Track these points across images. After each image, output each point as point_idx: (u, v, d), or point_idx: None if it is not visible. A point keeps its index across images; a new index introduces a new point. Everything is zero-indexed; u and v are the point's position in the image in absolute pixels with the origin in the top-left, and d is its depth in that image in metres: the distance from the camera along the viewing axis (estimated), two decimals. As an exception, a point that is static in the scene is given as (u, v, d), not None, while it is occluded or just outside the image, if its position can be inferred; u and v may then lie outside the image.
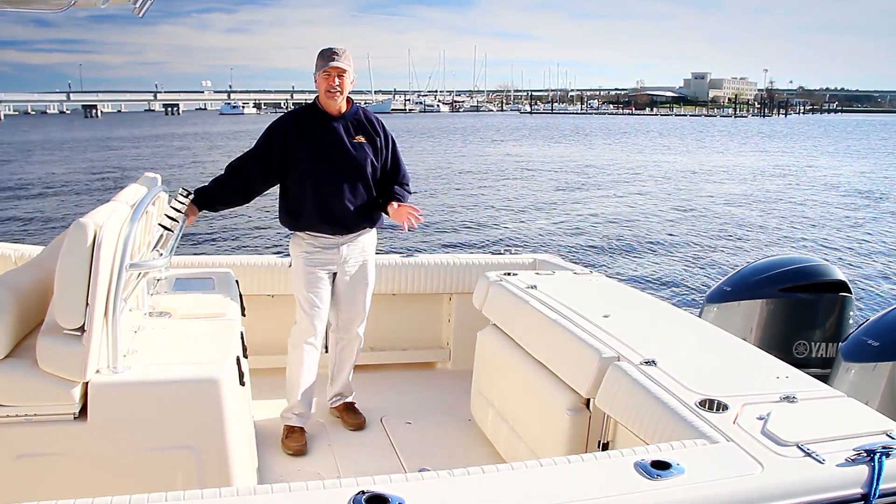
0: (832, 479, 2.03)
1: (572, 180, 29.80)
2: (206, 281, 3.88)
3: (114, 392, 2.55)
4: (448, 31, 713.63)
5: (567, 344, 3.03)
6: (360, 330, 4.13)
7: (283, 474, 3.53)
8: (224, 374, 2.67)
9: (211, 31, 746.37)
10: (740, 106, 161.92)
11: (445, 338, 5.03)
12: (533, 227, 18.50)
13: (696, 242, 16.47)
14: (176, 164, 36.15)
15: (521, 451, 3.31)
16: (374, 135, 3.91)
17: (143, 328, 3.09)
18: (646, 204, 22.67)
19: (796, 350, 4.20)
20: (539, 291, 3.64)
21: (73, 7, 2.97)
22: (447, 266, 4.82)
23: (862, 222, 19.69)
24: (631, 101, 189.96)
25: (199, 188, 3.81)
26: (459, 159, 39.83)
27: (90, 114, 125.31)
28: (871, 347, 3.43)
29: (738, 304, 4.32)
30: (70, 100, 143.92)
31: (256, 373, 3.73)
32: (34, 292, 2.77)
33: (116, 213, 2.67)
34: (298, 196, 3.83)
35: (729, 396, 2.44)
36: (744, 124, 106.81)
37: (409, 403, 4.40)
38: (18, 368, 2.49)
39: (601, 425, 2.92)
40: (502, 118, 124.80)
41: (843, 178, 32.03)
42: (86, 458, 2.52)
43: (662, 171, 33.64)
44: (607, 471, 2.05)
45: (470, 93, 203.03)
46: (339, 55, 3.75)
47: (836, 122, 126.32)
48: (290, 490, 1.84)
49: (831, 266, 4.46)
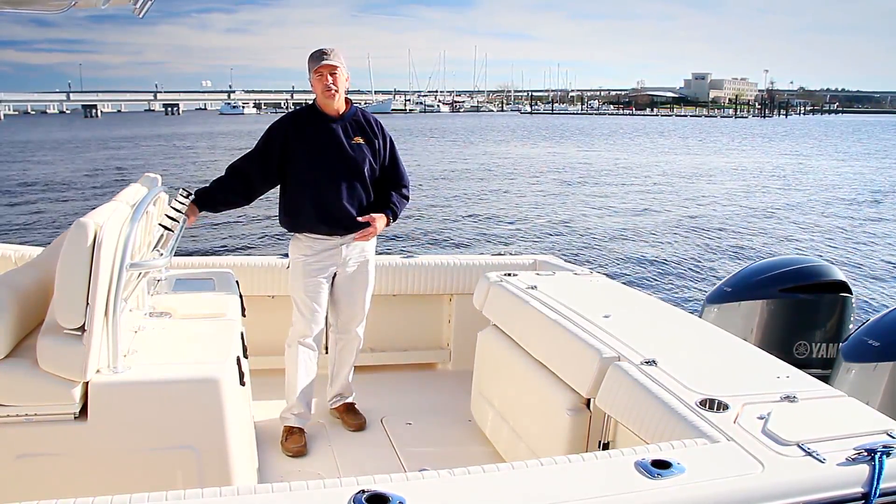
0: (833, 479, 2.03)
1: (573, 181, 29.81)
2: (206, 281, 3.88)
3: (114, 392, 2.55)
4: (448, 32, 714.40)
5: (567, 344, 3.03)
6: (359, 330, 4.13)
7: (283, 475, 3.53)
8: (224, 375, 2.67)
9: (211, 31, 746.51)
10: (741, 106, 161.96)
11: (446, 338, 5.03)
12: (533, 227, 18.50)
13: (696, 243, 16.48)
14: (176, 165, 36.16)
15: (522, 451, 3.31)
16: (372, 136, 3.92)
17: (144, 328, 3.09)
18: (646, 204, 22.67)
19: (797, 350, 4.20)
20: (539, 292, 3.64)
21: (73, 7, 2.98)
22: (447, 267, 4.82)
23: (862, 223, 19.69)
24: (631, 101, 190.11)
25: (199, 189, 3.81)
26: (459, 159, 39.84)
27: (90, 114, 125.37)
28: (872, 348, 3.43)
29: (739, 305, 4.32)
30: (70, 100, 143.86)
31: (257, 373, 3.73)
32: (34, 292, 2.77)
33: (117, 213, 2.67)
34: (297, 197, 3.84)
35: (729, 396, 2.44)
36: (744, 125, 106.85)
37: (409, 404, 4.40)
38: (19, 368, 2.49)
39: (601, 425, 2.92)
40: (502, 118, 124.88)
41: (844, 178, 32.04)
42: (86, 458, 2.52)
43: (663, 172, 33.65)
44: (608, 470, 2.05)
45: (470, 93, 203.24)
46: (329, 54, 3.76)
47: (837, 122, 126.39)
48: (290, 489, 1.84)
49: (832, 266, 4.46)
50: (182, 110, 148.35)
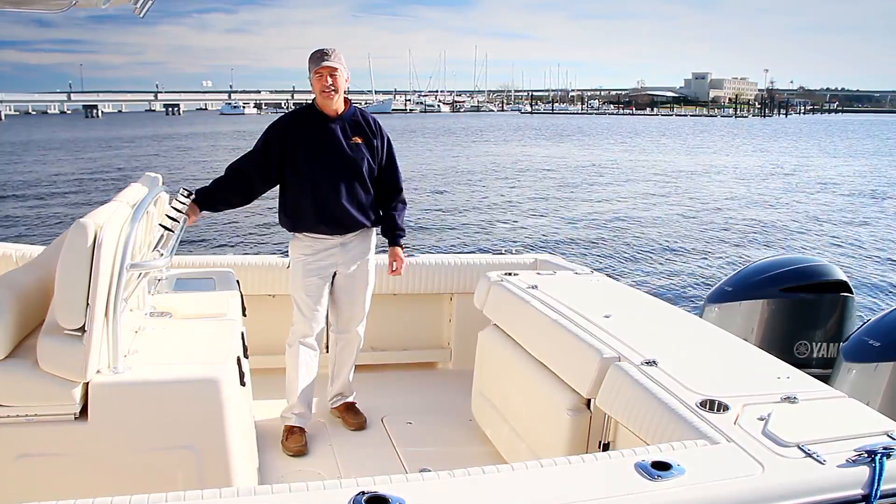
0: (833, 480, 2.03)
1: (574, 180, 29.80)
2: (206, 281, 3.88)
3: (114, 392, 2.55)
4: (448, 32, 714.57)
5: (568, 344, 3.03)
6: (359, 329, 4.13)
7: (283, 474, 3.53)
8: (225, 375, 2.67)
9: (211, 31, 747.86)
10: (741, 106, 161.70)
11: (446, 338, 5.03)
12: (534, 226, 18.50)
13: (697, 242, 16.48)
14: (177, 165, 36.16)
15: (522, 451, 3.31)
16: (371, 136, 3.93)
17: (144, 328, 3.09)
18: (647, 204, 22.67)
19: (797, 350, 4.20)
20: (540, 291, 3.64)
21: (74, 7, 2.97)
22: (448, 266, 4.82)
23: (863, 222, 19.68)
24: (631, 101, 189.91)
25: (199, 188, 3.81)
26: (460, 159, 39.84)
27: (91, 114, 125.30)
28: (873, 348, 3.42)
29: (740, 305, 4.32)
30: (71, 100, 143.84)
31: (257, 373, 3.73)
32: (35, 292, 2.77)
33: (117, 213, 2.67)
34: (297, 197, 3.85)
35: (730, 397, 2.44)
36: (744, 124, 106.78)
37: (409, 403, 4.40)
38: (19, 369, 2.49)
39: (602, 425, 2.92)
40: (503, 118, 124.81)
41: (845, 177, 32.01)
42: (86, 459, 2.52)
43: (664, 171, 33.64)
44: (608, 471, 2.04)
45: (471, 93, 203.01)
46: (330, 55, 3.77)
47: (837, 122, 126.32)
48: (290, 490, 1.84)
49: (832, 266, 4.46)
50: (183, 110, 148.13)
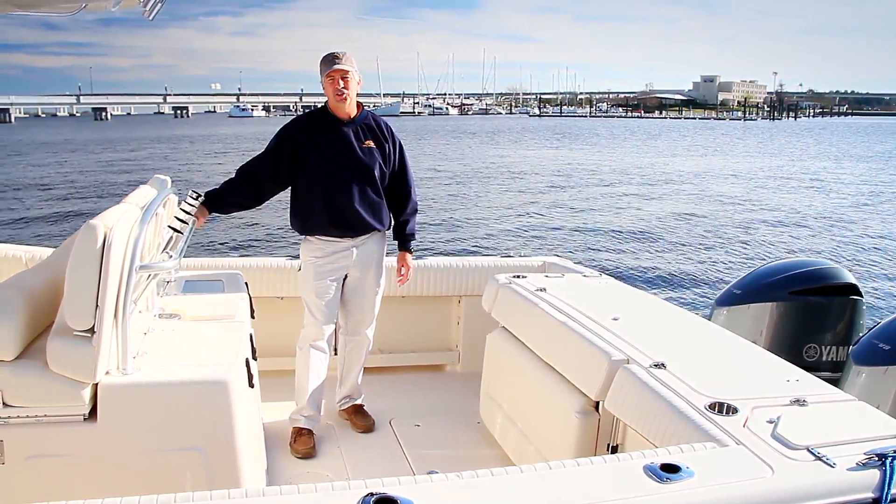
0: (843, 483, 2.01)
1: (582, 182, 29.77)
2: (215, 283, 3.90)
3: (123, 393, 2.56)
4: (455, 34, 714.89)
5: (576, 346, 3.03)
6: (369, 332, 4.13)
7: (292, 476, 3.53)
8: (233, 376, 2.68)
9: (218, 34, 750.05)
10: (750, 109, 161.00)
11: (455, 340, 5.03)
12: (542, 229, 18.48)
13: (705, 245, 16.43)
14: (186, 167, 36.29)
15: (530, 453, 3.30)
16: (383, 140, 3.94)
17: (153, 330, 3.10)
18: (655, 207, 22.61)
19: (807, 353, 4.18)
20: (548, 294, 3.63)
21: (83, 10, 2.99)
22: (456, 268, 4.82)
23: (873, 225, 19.58)
24: (640, 104, 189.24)
25: (209, 190, 3.83)
26: (469, 161, 39.85)
27: (100, 116, 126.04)
28: (882, 351, 3.41)
29: (748, 308, 4.30)
30: (80, 102, 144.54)
31: (266, 375, 3.73)
32: (44, 294, 2.78)
33: (126, 214, 2.68)
34: (308, 200, 3.85)
35: (739, 399, 2.43)
36: (753, 127, 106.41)
37: (418, 405, 4.40)
38: (29, 370, 2.50)
39: (610, 428, 2.91)
40: (512, 120, 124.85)
41: (854, 180, 31.87)
42: (95, 459, 2.53)
43: (673, 174, 33.56)
44: (616, 474, 2.04)
45: (479, 95, 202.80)
46: (341, 58, 3.78)
47: (847, 124, 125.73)
48: (298, 492, 1.84)
49: (842, 269, 4.43)
50: (191, 113, 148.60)
